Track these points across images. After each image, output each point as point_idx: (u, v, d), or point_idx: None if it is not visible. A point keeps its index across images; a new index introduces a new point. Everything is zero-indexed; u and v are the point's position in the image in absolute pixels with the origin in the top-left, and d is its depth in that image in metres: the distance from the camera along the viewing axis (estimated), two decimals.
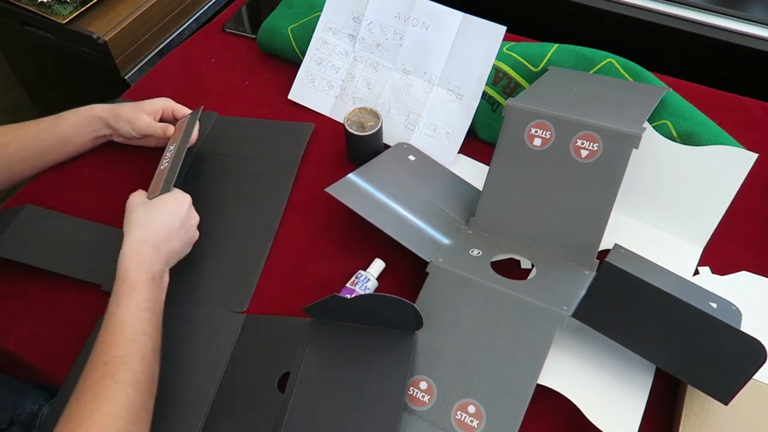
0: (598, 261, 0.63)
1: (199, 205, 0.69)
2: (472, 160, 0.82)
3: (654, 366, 0.59)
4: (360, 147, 0.79)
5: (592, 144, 0.65)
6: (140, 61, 1.14)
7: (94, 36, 1.04)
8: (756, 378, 0.52)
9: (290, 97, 0.90)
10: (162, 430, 0.57)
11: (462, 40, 0.80)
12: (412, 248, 0.66)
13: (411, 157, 0.80)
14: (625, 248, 0.67)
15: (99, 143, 0.81)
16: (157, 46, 1.17)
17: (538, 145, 0.68)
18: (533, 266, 0.66)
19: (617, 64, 0.77)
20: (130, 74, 1.12)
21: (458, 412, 0.56)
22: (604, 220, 0.63)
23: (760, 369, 0.50)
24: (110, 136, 0.80)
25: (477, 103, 0.80)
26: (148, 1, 1.12)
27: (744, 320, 0.60)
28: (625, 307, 0.56)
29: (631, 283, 0.56)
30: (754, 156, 0.64)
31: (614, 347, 0.57)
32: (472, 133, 0.83)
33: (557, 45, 0.80)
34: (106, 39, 1.04)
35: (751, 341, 0.50)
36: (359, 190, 0.72)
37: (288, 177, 0.79)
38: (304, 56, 0.90)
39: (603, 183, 0.64)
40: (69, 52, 1.11)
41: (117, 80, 1.11)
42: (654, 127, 0.71)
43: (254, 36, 0.97)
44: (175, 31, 1.20)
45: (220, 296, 0.68)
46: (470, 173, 0.80)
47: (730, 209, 0.67)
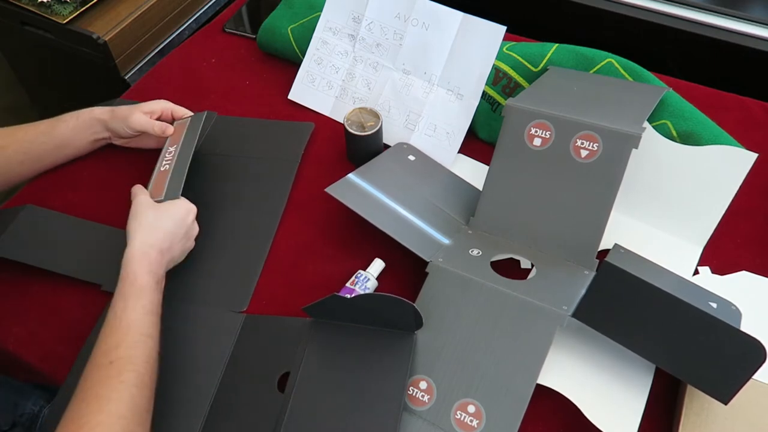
0: (597, 261, 0.63)
1: (199, 205, 0.69)
2: (472, 160, 0.82)
3: (654, 366, 0.59)
4: (360, 147, 0.79)
5: (592, 144, 0.65)
6: (140, 61, 1.14)
7: (94, 36, 1.04)
8: (756, 378, 0.52)
9: (290, 97, 0.90)
10: (162, 430, 0.57)
11: (462, 40, 0.80)
12: (412, 248, 0.66)
13: (411, 157, 0.80)
14: (624, 248, 0.67)
15: (98, 146, 0.81)
16: (157, 46, 1.17)
17: (538, 145, 0.68)
18: (533, 266, 0.66)
19: (617, 64, 0.77)
20: (130, 74, 1.12)
21: (458, 412, 0.56)
22: (603, 219, 0.63)
23: (759, 369, 0.50)
24: (109, 139, 0.80)
25: (477, 103, 0.80)
26: (148, 1, 1.11)
27: (744, 320, 0.60)
28: (624, 307, 0.56)
29: (631, 283, 0.56)
30: (754, 156, 0.64)
31: (614, 347, 0.57)
32: (472, 133, 0.83)
33: (557, 45, 0.80)
34: (106, 39, 1.04)
35: (751, 341, 0.50)
36: (359, 190, 0.72)
37: (288, 177, 0.79)
38: (304, 56, 0.90)
39: (603, 183, 0.64)
40: (69, 52, 1.11)
41: (117, 80, 1.11)
42: (654, 127, 0.71)
43: (254, 36, 0.97)
44: (175, 31, 1.20)
45: (220, 296, 0.68)
46: (470, 173, 0.80)
47: (730, 209, 0.67)
